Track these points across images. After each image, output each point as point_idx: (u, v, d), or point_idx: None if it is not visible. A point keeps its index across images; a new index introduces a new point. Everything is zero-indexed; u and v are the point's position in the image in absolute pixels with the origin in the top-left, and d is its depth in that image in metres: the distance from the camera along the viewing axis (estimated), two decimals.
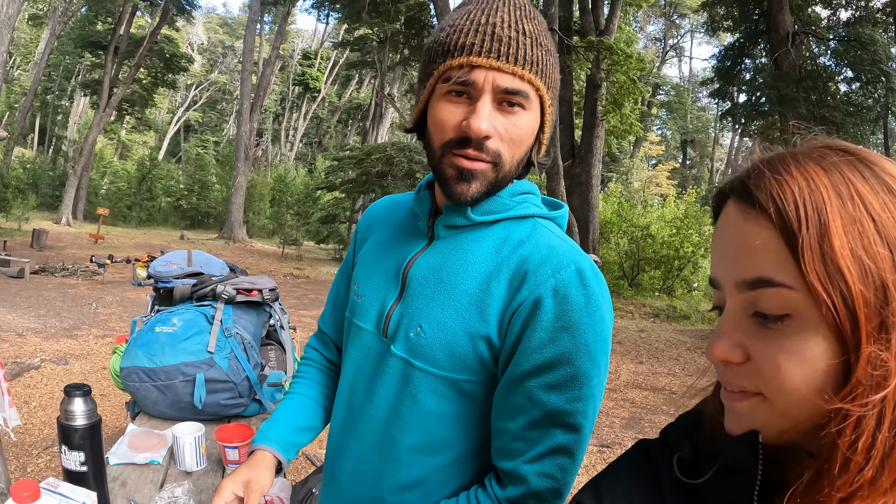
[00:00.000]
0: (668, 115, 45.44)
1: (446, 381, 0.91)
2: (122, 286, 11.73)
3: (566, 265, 0.85)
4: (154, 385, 1.75)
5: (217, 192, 33.20)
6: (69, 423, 1.09)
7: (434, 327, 0.90)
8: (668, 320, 13.58)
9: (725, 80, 13.70)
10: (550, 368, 0.83)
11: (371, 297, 1.00)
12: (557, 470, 0.86)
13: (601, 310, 0.84)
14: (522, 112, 0.85)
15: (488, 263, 0.90)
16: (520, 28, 0.83)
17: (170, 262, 2.30)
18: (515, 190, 0.94)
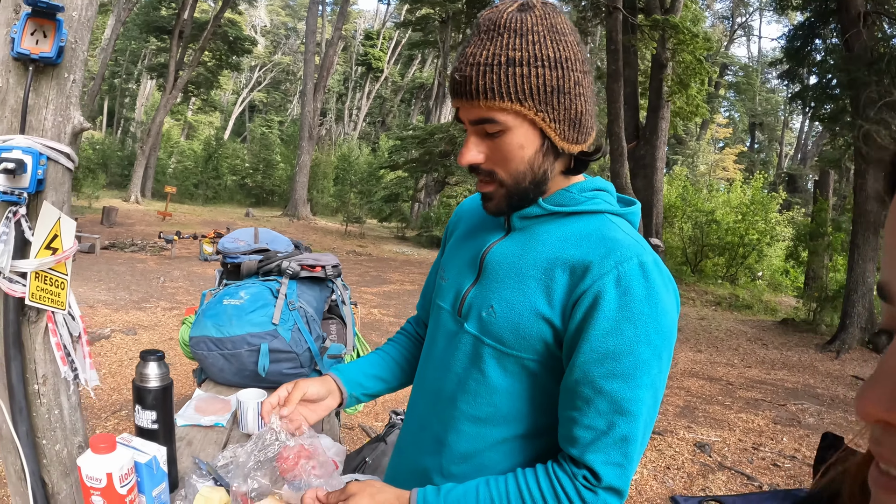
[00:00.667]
0: (736, 97, 43.72)
1: (512, 358, 0.95)
2: (189, 261, 12.14)
3: (629, 258, 0.88)
4: (221, 353, 1.80)
5: (281, 171, 33.89)
6: (143, 384, 1.12)
7: (504, 308, 0.95)
8: (729, 309, 13.20)
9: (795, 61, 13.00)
10: (614, 358, 0.86)
11: (452, 281, 1.08)
12: (622, 457, 0.88)
13: (663, 302, 0.87)
14: (505, 133, 0.90)
15: (556, 252, 0.94)
16: (478, 59, 0.87)
17: (237, 238, 2.35)
18: (586, 186, 0.99)
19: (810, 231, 12.21)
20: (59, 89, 0.92)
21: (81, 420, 1.08)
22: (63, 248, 0.92)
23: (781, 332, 10.74)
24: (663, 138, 16.56)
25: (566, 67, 0.88)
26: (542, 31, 0.87)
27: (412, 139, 21.00)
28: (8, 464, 1.04)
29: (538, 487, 0.89)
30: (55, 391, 1.00)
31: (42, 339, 0.97)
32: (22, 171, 0.83)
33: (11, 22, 0.90)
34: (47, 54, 0.85)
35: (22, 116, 0.86)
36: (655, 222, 15.97)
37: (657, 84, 16.05)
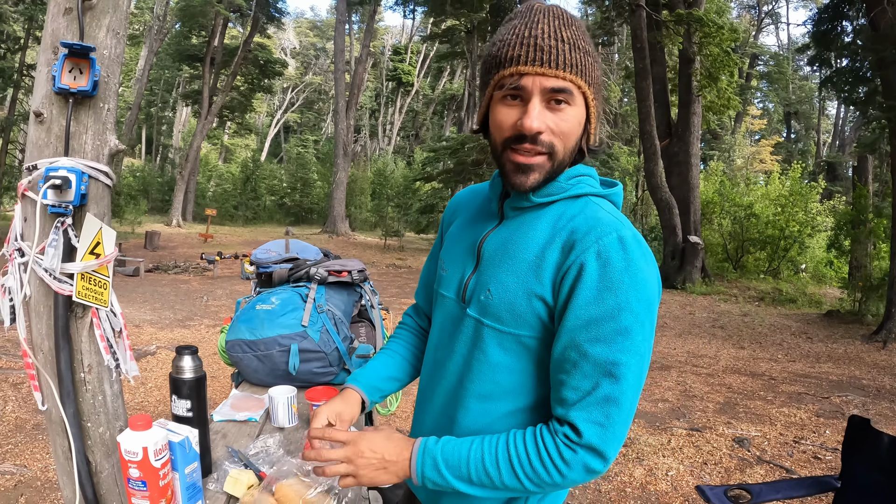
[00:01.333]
0: (768, 87, 42.76)
1: (510, 336, 1.04)
2: (232, 280, 12.48)
3: (608, 233, 0.96)
4: (254, 355, 1.94)
5: (319, 189, 34.49)
6: (179, 376, 1.26)
7: (499, 290, 1.04)
8: (773, 304, 12.94)
9: (822, 45, 12.67)
10: (596, 324, 0.94)
11: (452, 270, 1.17)
12: (604, 417, 0.94)
13: (642, 272, 0.95)
14: (568, 108, 0.97)
15: (545, 235, 1.03)
16: (558, 36, 0.96)
17: (269, 249, 2.51)
18: (571, 173, 1.07)
19: (851, 219, 11.89)
20: (96, 117, 1.07)
21: (123, 406, 1.22)
22: (104, 254, 1.06)
23: (826, 324, 10.51)
24: (696, 134, 16.35)
25: (600, 69, 1.01)
26: (590, 37, 1.00)
27: (445, 150, 21.23)
28: (56, 445, 1.18)
29: (524, 444, 0.98)
30: (99, 379, 1.15)
31: (87, 333, 1.11)
32: (67, 187, 0.98)
33: (51, 62, 1.05)
34: (84, 88, 1.00)
35: (65, 141, 1.01)
36: (693, 220, 15.75)
37: (686, 79, 15.89)
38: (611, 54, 36.43)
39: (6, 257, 1.08)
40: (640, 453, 4.14)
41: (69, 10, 1.05)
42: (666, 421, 4.90)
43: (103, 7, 1.07)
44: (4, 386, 4.96)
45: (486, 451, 0.99)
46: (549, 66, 0.94)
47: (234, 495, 1.27)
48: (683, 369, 6.77)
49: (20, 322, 1.09)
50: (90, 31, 1.05)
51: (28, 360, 1.10)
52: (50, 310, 1.07)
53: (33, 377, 1.12)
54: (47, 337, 1.09)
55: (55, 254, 1.00)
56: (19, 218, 1.07)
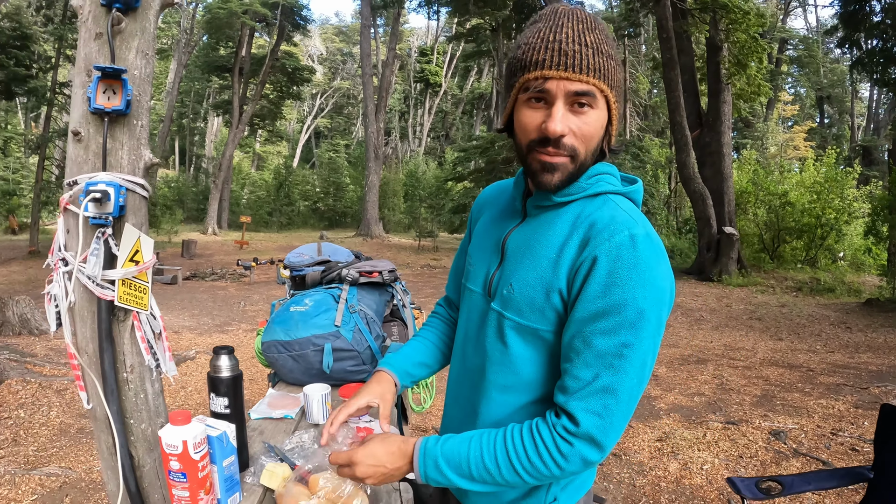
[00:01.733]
0: (799, 72, 41.74)
1: (529, 329, 1.07)
2: (268, 285, 12.70)
3: (621, 230, 0.98)
4: (290, 355, 2.01)
5: (352, 193, 34.82)
6: (216, 374, 1.33)
7: (520, 284, 1.08)
8: (811, 294, 12.69)
9: (850, 26, 12.34)
10: (603, 316, 0.96)
11: (479, 266, 1.22)
12: (602, 408, 0.97)
13: (651, 271, 0.96)
14: (591, 111, 1.00)
15: (565, 233, 1.06)
16: (582, 41, 0.98)
17: (302, 253, 2.59)
18: (590, 172, 1.09)
19: (888, 204, 11.57)
20: (131, 133, 1.14)
21: (163, 404, 1.30)
22: (143, 260, 1.13)
23: (866, 313, 10.28)
24: (727, 123, 16.10)
25: (622, 72, 1.04)
26: (614, 42, 1.03)
27: (475, 149, 21.30)
28: (101, 442, 1.26)
29: (521, 439, 1.01)
30: (140, 378, 1.22)
31: (129, 335, 1.19)
32: (107, 199, 1.05)
33: (85, 84, 1.13)
34: (118, 107, 1.07)
35: (103, 157, 1.09)
36: (728, 210, 15.51)
37: (714, 67, 15.66)
38: (637, 45, 36.01)
39: (51, 267, 1.16)
40: (676, 447, 4.13)
41: (99, 35, 1.12)
42: (702, 415, 4.87)
43: (131, 30, 1.14)
44: (49, 392, 5.16)
45: (484, 448, 1.02)
46: (574, 71, 0.97)
47: (271, 487, 1.33)
48: (720, 362, 6.70)
49: (66, 327, 1.17)
50: (121, 54, 1.12)
51: (74, 362, 1.18)
52: (93, 315, 1.15)
53: (79, 378, 1.20)
54: (91, 340, 1.17)
55: (97, 262, 1.08)
56: (62, 230, 1.15)
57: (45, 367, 5.91)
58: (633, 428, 4.55)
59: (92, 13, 1.13)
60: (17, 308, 7.55)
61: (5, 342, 6.81)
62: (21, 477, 3.61)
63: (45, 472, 3.74)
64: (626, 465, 3.89)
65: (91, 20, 1.13)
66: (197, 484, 1.12)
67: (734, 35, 14.23)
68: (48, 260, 1.19)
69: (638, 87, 34.50)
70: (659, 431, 4.46)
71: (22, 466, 3.77)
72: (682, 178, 15.94)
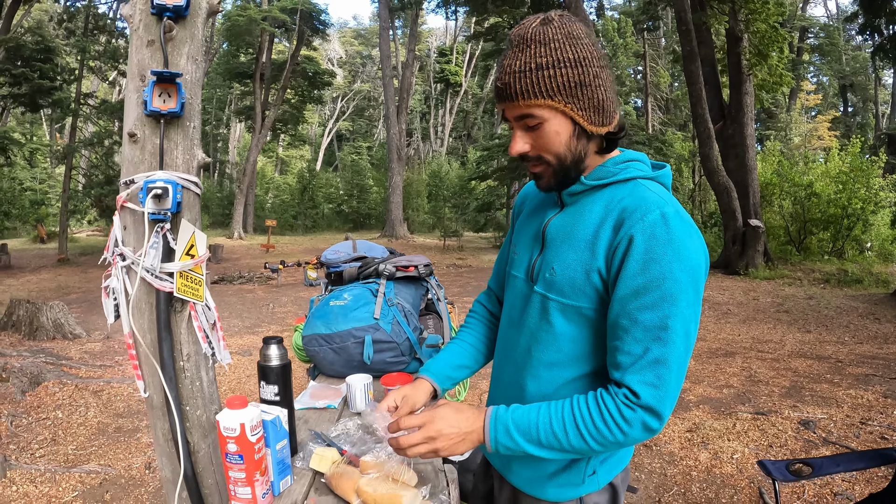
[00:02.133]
0: (821, 60, 41.09)
1: (571, 308, 1.15)
2: (295, 287, 12.85)
3: (652, 210, 1.06)
4: (331, 348, 2.07)
5: (375, 194, 35.00)
6: (266, 363, 1.39)
7: (562, 267, 1.16)
8: (839, 285, 12.51)
9: (871, 12, 12.14)
10: (645, 292, 1.04)
11: (522, 254, 1.31)
12: (656, 378, 1.04)
13: (684, 245, 1.04)
14: (542, 125, 1.10)
15: (599, 216, 1.14)
16: (512, 69, 1.07)
17: (338, 251, 2.67)
18: (619, 159, 1.18)
19: None
20: (184, 134, 1.20)
21: (217, 392, 1.36)
22: (198, 254, 1.20)
23: (894, 303, 10.11)
24: (750, 114, 15.93)
25: (585, 65, 1.07)
26: (561, 38, 1.06)
27: (497, 148, 21.36)
28: (157, 429, 1.33)
29: (587, 406, 1.08)
30: (196, 367, 1.28)
31: (186, 325, 1.25)
32: (165, 196, 1.12)
33: (139, 88, 1.19)
34: (174, 109, 1.13)
35: (160, 157, 1.15)
36: (753, 202, 15.35)
37: (735, 59, 15.50)
38: (657, 39, 35.74)
39: (109, 262, 1.23)
40: (706, 438, 4.13)
41: (152, 42, 1.19)
42: (731, 406, 4.86)
43: (182, 37, 1.21)
44: (86, 394, 5.30)
45: (553, 415, 1.09)
46: (508, 101, 1.09)
47: (320, 471, 1.39)
48: (748, 355, 6.66)
49: (124, 318, 1.23)
50: (173, 59, 1.19)
51: (132, 352, 1.24)
52: (151, 306, 1.22)
53: (136, 367, 1.26)
54: (149, 331, 1.24)
55: (156, 255, 1.14)
56: (119, 227, 1.22)
57: (81, 369, 6.06)
58: None
59: (143, 22, 1.20)
60: (51, 313, 7.75)
61: (40, 346, 7.00)
62: (61, 475, 3.73)
63: (85, 470, 3.85)
64: (658, 455, 3.91)
65: (142, 28, 1.20)
66: (253, 465, 1.18)
67: (754, 25, 14.08)
68: (105, 255, 1.26)
69: (659, 80, 34.24)
70: (689, 423, 4.46)
71: (62, 465, 3.89)
72: (706, 172, 15.80)
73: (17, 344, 7.04)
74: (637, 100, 40.77)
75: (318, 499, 1.30)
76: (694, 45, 15.13)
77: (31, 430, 4.49)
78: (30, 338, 7.47)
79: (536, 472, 1.24)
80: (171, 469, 1.32)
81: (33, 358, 6.15)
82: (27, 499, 3.44)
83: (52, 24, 21.77)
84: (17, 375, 5.48)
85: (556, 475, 1.22)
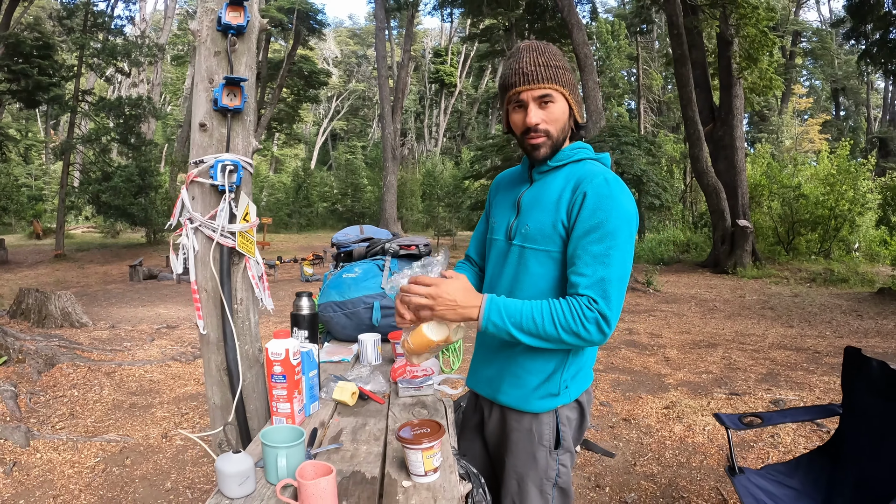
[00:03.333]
0: (813, 64, 41.67)
1: (542, 252, 1.53)
2: (292, 283, 13.13)
3: (598, 176, 1.48)
4: (343, 313, 2.40)
5: (369, 193, 35.21)
6: (298, 312, 1.72)
7: (534, 223, 1.54)
8: (824, 284, 12.88)
9: (857, 17, 12.54)
10: (593, 230, 1.43)
11: (500, 221, 1.68)
12: (603, 291, 1.40)
13: (620, 199, 1.44)
14: (553, 105, 1.51)
15: (561, 185, 1.54)
16: (536, 62, 1.49)
17: (347, 233, 3.02)
18: (573, 147, 1.59)
19: None
20: (243, 126, 1.53)
21: (258, 332, 1.68)
22: (251, 220, 1.52)
23: (878, 302, 10.47)
24: (740, 117, 16.29)
25: (573, 75, 1.54)
26: (561, 55, 1.54)
27: (491, 147, 21.68)
28: (210, 361, 1.64)
29: (559, 304, 1.42)
30: (247, 309, 1.61)
31: (241, 275, 1.57)
32: (233, 172, 1.44)
33: (208, 89, 1.52)
34: (238, 106, 1.46)
35: (226, 142, 1.48)
36: (742, 203, 15.70)
37: (726, 62, 15.84)
38: (650, 42, 36.13)
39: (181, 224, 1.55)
40: (681, 413, 4.47)
41: (218, 53, 1.52)
42: (708, 389, 5.20)
43: (242, 50, 1.54)
44: (99, 375, 5.59)
45: (534, 307, 1.43)
46: (534, 83, 1.48)
47: (341, 400, 1.71)
48: (730, 347, 6.98)
49: (192, 269, 1.56)
50: (235, 67, 1.52)
51: (196, 296, 1.56)
52: (214, 260, 1.54)
53: (199, 310, 1.58)
54: (210, 280, 1.56)
55: (224, 217, 1.46)
56: (187, 197, 1.54)
57: (93, 353, 6.36)
58: (643, 398, 4.90)
59: (210, 36, 1.53)
60: (59, 302, 8.03)
61: (49, 333, 7.28)
62: (83, 443, 4.02)
63: (105, 439, 4.15)
64: (636, 427, 4.25)
65: (209, 41, 1.52)
66: (293, 385, 1.50)
67: (744, 29, 14.46)
68: (170, 221, 1.58)
69: (651, 83, 34.65)
70: (666, 401, 4.80)
71: (83, 435, 4.18)
72: (696, 172, 16.16)
73: (26, 331, 7.31)
74: (630, 102, 41.24)
75: (341, 419, 1.62)
76: (685, 49, 15.50)
77: (49, 406, 4.77)
78: (38, 325, 7.74)
79: (522, 389, 1.56)
80: (221, 395, 1.64)
81: (47, 342, 6.44)
82: (51, 465, 3.72)
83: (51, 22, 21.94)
84: (32, 357, 5.77)
85: (538, 388, 1.55)
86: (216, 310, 1.56)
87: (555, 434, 1.56)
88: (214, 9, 1.52)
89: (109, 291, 12.31)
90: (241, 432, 1.60)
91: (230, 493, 1.15)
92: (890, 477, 2.03)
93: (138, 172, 20.16)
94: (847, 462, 2.27)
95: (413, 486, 1.24)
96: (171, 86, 44.94)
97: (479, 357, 1.72)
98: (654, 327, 8.32)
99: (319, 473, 1.11)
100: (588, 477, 3.48)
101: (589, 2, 36.69)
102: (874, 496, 1.99)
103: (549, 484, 1.56)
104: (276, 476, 1.19)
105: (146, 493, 3.38)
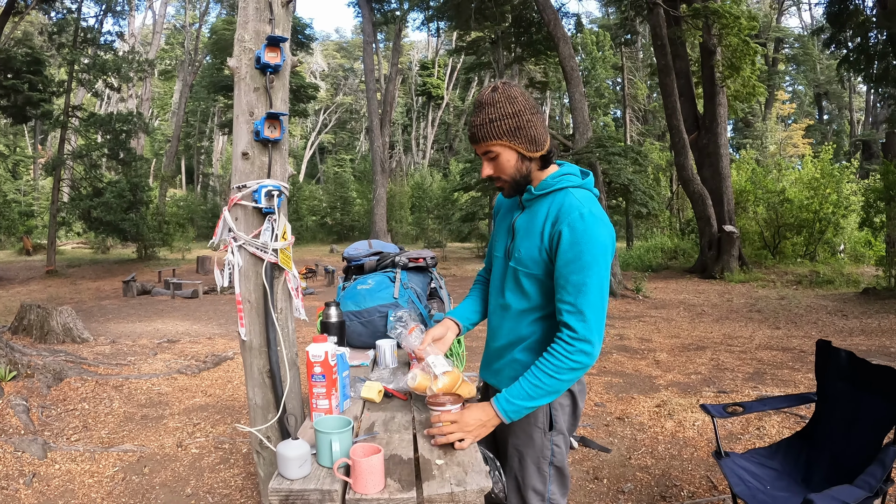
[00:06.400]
0: (796, 70, 42.39)
1: (532, 275, 1.72)
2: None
3: (574, 211, 1.63)
4: (360, 321, 2.59)
5: (359, 206, 35.27)
6: (328, 320, 1.91)
7: (524, 249, 1.73)
8: (810, 286, 13.17)
9: (836, 25, 12.89)
10: (571, 262, 1.60)
11: (500, 241, 1.89)
12: (582, 317, 1.59)
13: (596, 234, 1.59)
14: (498, 157, 1.67)
15: (544, 215, 1.69)
16: (477, 122, 1.66)
17: (357, 248, 3.22)
18: (557, 174, 1.73)
19: (881, 195, 12.05)
20: (280, 155, 1.73)
21: (295, 337, 1.87)
22: (287, 238, 1.72)
23: (863, 302, 10.75)
24: (724, 124, 16.61)
25: (519, 115, 1.65)
26: (503, 100, 1.65)
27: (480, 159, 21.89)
28: (252, 366, 1.83)
29: (544, 360, 1.63)
30: (285, 318, 1.80)
31: (281, 287, 1.77)
32: (275, 196, 1.64)
33: (249, 121, 1.71)
34: (278, 138, 1.66)
35: (268, 170, 1.67)
36: (727, 209, 15.99)
37: (709, 71, 16.14)
38: (635, 52, 36.65)
39: (225, 242, 1.74)
40: (672, 411, 4.69)
41: (257, 89, 1.72)
42: (697, 388, 5.42)
43: (278, 86, 1.74)
44: (107, 388, 5.72)
45: (528, 376, 1.63)
46: (475, 143, 1.67)
47: (370, 398, 1.90)
48: (718, 349, 7.22)
49: (236, 283, 1.75)
50: (273, 102, 1.71)
51: (240, 307, 1.75)
52: (256, 274, 1.73)
53: (241, 318, 1.77)
54: (253, 291, 1.75)
55: (269, 236, 1.66)
56: (230, 218, 1.73)
57: (99, 367, 6.49)
58: (635, 399, 5.11)
59: (249, 73, 1.72)
60: (61, 318, 8.13)
61: (53, 349, 7.39)
62: (100, 454, 4.15)
63: (122, 449, 4.29)
64: (629, 425, 4.46)
65: (248, 78, 1.72)
66: (330, 383, 1.69)
67: (727, 39, 14.79)
68: (214, 240, 1.77)
69: (636, 92, 35.14)
70: (657, 400, 5.02)
71: (99, 445, 4.32)
72: (682, 180, 16.47)
73: (30, 347, 7.42)
74: (616, 111, 41.76)
75: (371, 413, 1.81)
76: (669, 59, 15.83)
77: (61, 419, 4.90)
78: (40, 341, 7.84)
79: None
80: (262, 396, 1.83)
81: (53, 357, 6.56)
82: (70, 475, 3.86)
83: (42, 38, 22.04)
84: (41, 372, 5.89)
85: None
86: (259, 318, 1.75)
87: (548, 418, 1.76)
88: (252, 48, 1.72)
89: (104, 307, 12.39)
90: (280, 428, 1.79)
91: (291, 475, 1.34)
92: (857, 453, 2.26)
93: (129, 188, 20.16)
94: (822, 443, 2.50)
95: (445, 463, 1.43)
96: (158, 100, 45.00)
97: (488, 354, 1.94)
98: (644, 332, 8.55)
99: (369, 453, 1.31)
100: (587, 471, 3.68)
101: (574, 14, 37.27)
102: (845, 471, 2.21)
103: (546, 462, 1.77)
104: (330, 459, 1.38)
105: (168, 499, 3.53)
